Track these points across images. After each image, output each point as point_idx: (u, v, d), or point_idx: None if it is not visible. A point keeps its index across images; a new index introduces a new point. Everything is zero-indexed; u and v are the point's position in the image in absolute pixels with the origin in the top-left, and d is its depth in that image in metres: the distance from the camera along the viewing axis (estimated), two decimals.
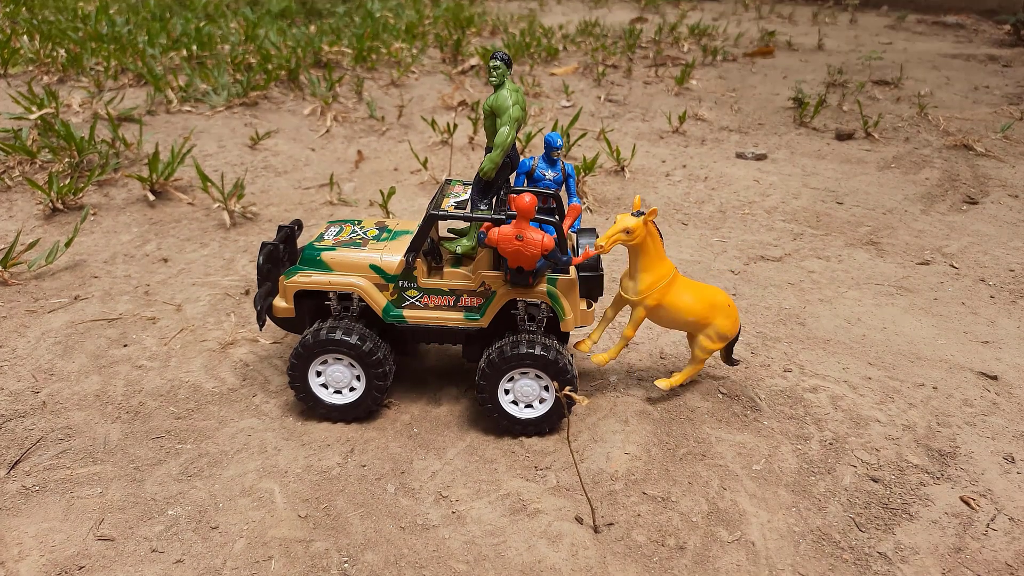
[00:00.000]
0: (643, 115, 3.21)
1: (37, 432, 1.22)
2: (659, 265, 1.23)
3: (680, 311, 1.25)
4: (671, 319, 1.27)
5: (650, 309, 1.25)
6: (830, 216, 2.24)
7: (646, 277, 1.22)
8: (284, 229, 1.33)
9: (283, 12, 4.65)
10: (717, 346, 1.30)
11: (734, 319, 1.30)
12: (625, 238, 1.17)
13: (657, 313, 1.26)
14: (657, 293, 1.23)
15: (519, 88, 1.18)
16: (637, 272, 1.23)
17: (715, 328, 1.28)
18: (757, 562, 1.01)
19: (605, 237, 1.16)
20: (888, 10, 6.20)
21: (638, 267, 1.22)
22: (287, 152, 2.58)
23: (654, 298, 1.23)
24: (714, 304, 1.27)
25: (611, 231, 1.17)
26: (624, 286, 1.26)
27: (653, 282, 1.23)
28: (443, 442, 1.23)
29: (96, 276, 1.73)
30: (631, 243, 1.19)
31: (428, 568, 0.99)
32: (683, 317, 1.26)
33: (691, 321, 1.27)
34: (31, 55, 3.14)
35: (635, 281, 1.23)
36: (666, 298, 1.24)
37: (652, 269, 1.22)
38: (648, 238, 1.20)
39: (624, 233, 1.17)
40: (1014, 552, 1.04)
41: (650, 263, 1.22)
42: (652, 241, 1.20)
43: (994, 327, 1.64)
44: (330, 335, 1.20)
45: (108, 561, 0.98)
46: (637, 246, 1.20)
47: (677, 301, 1.25)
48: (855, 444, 1.25)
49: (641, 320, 1.26)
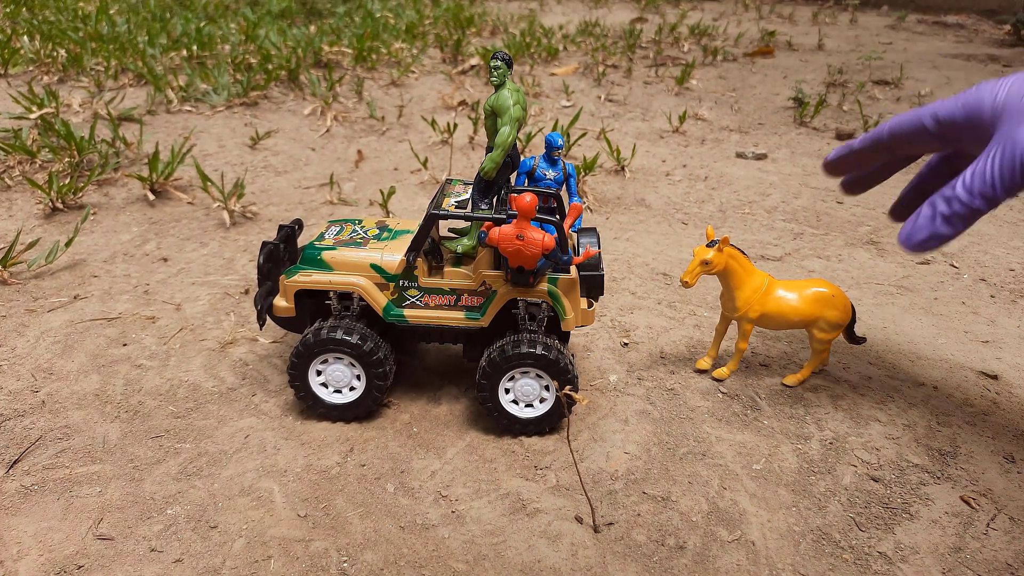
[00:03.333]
0: (643, 115, 3.21)
1: (36, 431, 1.21)
2: (749, 280, 1.30)
3: (785, 314, 1.31)
4: (779, 323, 1.33)
5: (754, 321, 1.32)
6: (830, 216, 2.24)
7: (741, 294, 1.30)
8: (284, 228, 1.33)
9: (283, 12, 4.65)
10: (832, 335, 1.34)
11: (842, 307, 1.33)
12: (705, 269, 1.25)
13: (763, 321, 1.32)
14: (756, 305, 1.30)
15: (520, 88, 1.18)
16: (732, 291, 1.30)
17: (825, 320, 1.32)
18: (757, 562, 1.01)
19: (687, 273, 1.24)
20: (888, 10, 6.20)
21: (731, 287, 1.30)
22: (287, 152, 2.58)
23: (754, 311, 1.30)
24: (818, 299, 1.32)
25: (690, 266, 1.25)
26: (724, 305, 1.33)
27: (749, 296, 1.30)
28: (443, 441, 1.23)
29: (96, 275, 1.73)
30: (713, 272, 1.26)
31: (427, 568, 0.99)
32: (790, 319, 1.31)
33: (799, 320, 1.32)
34: (31, 55, 3.14)
35: (732, 300, 1.30)
36: (767, 307, 1.30)
37: (744, 286, 1.29)
38: (730, 260, 1.26)
39: (703, 265, 1.24)
40: (1014, 552, 1.04)
41: (740, 281, 1.29)
42: (735, 262, 1.27)
43: (994, 326, 1.64)
44: (331, 334, 1.20)
45: (107, 560, 0.98)
46: (722, 271, 1.27)
47: (780, 306, 1.31)
48: (855, 444, 1.25)
49: (749, 332, 1.34)
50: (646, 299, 1.71)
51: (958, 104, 1.15)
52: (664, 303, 1.69)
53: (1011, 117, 1.08)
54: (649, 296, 1.72)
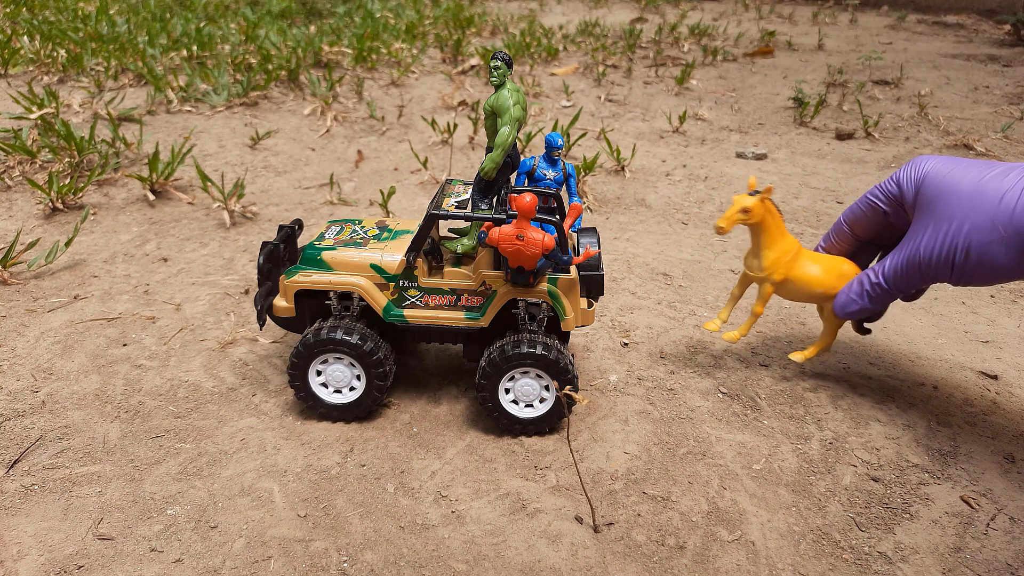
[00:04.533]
0: (643, 115, 3.21)
1: (36, 431, 1.21)
2: (781, 240, 1.24)
3: (808, 283, 1.26)
4: (799, 292, 1.28)
5: (777, 284, 1.26)
6: (830, 216, 2.24)
7: (769, 254, 1.24)
8: (284, 229, 1.33)
9: (283, 12, 4.65)
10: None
11: None
12: (743, 217, 1.19)
13: (785, 287, 1.27)
14: (783, 268, 1.24)
15: (520, 88, 1.18)
16: (760, 249, 1.24)
17: None
18: (757, 562, 1.01)
19: (725, 219, 1.18)
20: (888, 10, 6.21)
21: (760, 244, 1.24)
22: (287, 152, 2.58)
23: (780, 273, 1.25)
24: (842, 274, 1.28)
25: (729, 212, 1.19)
26: (748, 264, 1.27)
27: (777, 257, 1.24)
28: (443, 442, 1.23)
29: (96, 276, 1.73)
30: (750, 222, 1.21)
31: (427, 568, 0.99)
32: (811, 289, 1.27)
33: (820, 293, 1.28)
34: (31, 55, 3.14)
35: (759, 258, 1.25)
36: (792, 271, 1.26)
37: (774, 245, 1.24)
38: (767, 215, 1.21)
39: (742, 213, 1.19)
40: (1014, 552, 1.04)
41: (771, 240, 1.24)
42: (772, 218, 1.22)
43: (994, 326, 1.64)
44: (331, 334, 1.20)
45: (107, 560, 0.98)
46: (757, 224, 1.22)
47: (804, 274, 1.26)
48: (855, 444, 1.25)
49: (769, 296, 1.28)
50: (646, 299, 1.71)
51: (892, 180, 1.23)
52: (664, 303, 1.69)
53: (921, 212, 1.17)
54: (649, 296, 1.72)
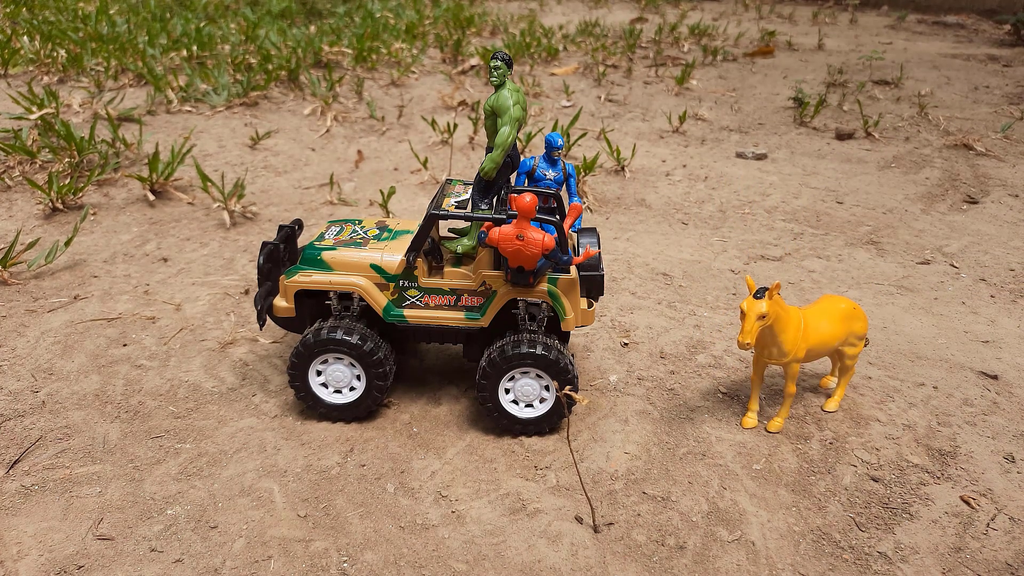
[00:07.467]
0: (643, 115, 3.21)
1: (36, 431, 1.21)
2: (791, 322, 1.22)
3: (825, 343, 1.26)
4: (821, 353, 1.27)
5: (802, 360, 1.25)
6: (830, 216, 2.24)
7: (787, 338, 1.22)
8: (284, 229, 1.33)
9: (283, 12, 4.65)
10: (860, 347, 1.31)
11: (863, 317, 1.31)
12: (762, 323, 1.16)
13: (807, 356, 1.26)
14: (801, 343, 1.23)
15: (520, 88, 1.18)
16: (776, 337, 1.22)
17: (854, 335, 1.29)
18: (757, 562, 1.01)
19: (745, 333, 1.14)
20: (888, 10, 6.20)
21: (775, 332, 1.21)
22: (287, 152, 2.58)
23: (801, 350, 1.24)
24: (844, 316, 1.28)
25: (747, 325, 1.15)
26: (768, 353, 1.24)
27: (794, 337, 1.23)
28: (443, 442, 1.23)
29: (96, 276, 1.73)
30: (767, 324, 1.18)
31: (427, 568, 0.99)
32: (830, 345, 1.26)
33: (837, 344, 1.27)
34: (31, 55, 3.14)
35: (778, 346, 1.22)
36: (810, 341, 1.24)
37: (788, 329, 1.22)
38: (778, 309, 1.19)
39: (759, 320, 1.15)
40: (1014, 552, 1.04)
41: (784, 325, 1.21)
42: (780, 308, 1.20)
43: (994, 326, 1.64)
44: (331, 335, 1.20)
45: (107, 560, 0.98)
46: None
47: (820, 336, 1.25)
48: (855, 444, 1.25)
49: (797, 373, 1.27)
50: (646, 299, 1.71)
51: None
52: (664, 303, 1.69)
53: None
54: (649, 296, 1.72)
